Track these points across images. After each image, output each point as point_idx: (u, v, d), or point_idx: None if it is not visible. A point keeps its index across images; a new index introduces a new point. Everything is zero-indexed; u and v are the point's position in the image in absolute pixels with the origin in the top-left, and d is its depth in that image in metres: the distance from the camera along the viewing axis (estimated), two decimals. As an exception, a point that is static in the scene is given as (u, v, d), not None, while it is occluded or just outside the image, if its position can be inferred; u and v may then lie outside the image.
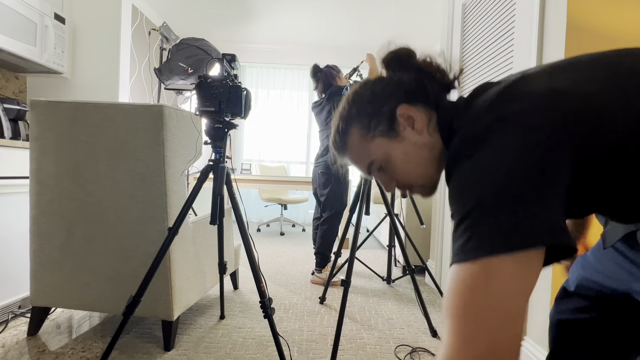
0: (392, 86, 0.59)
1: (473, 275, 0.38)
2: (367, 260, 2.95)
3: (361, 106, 0.60)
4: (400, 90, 0.58)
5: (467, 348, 0.37)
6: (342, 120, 0.62)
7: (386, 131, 0.57)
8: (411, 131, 0.56)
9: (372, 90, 0.60)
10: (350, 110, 0.61)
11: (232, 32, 4.10)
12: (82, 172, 1.36)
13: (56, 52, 2.25)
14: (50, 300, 1.45)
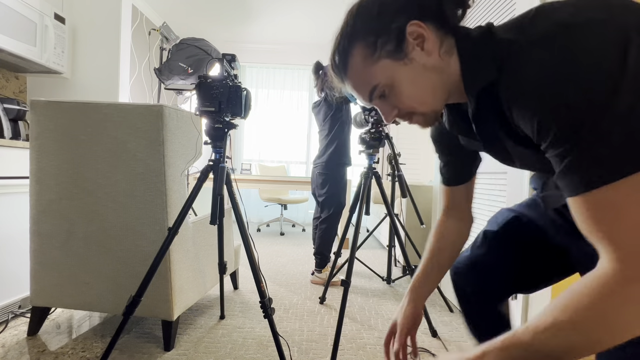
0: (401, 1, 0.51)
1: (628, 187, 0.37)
2: (367, 260, 2.95)
3: (367, 21, 0.52)
4: (414, 4, 0.51)
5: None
6: (344, 38, 0.54)
7: (393, 52, 0.51)
8: (420, 52, 0.51)
9: (380, 1, 0.52)
10: (354, 25, 0.53)
11: (232, 32, 4.11)
12: (82, 172, 1.36)
13: (56, 52, 2.25)
14: (50, 300, 1.45)
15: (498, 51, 0.46)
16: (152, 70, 2.93)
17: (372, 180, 1.81)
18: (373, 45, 0.52)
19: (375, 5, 0.52)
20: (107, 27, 2.55)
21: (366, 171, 1.79)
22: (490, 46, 0.47)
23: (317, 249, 2.36)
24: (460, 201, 0.78)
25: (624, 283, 0.38)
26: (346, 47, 0.54)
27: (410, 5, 0.51)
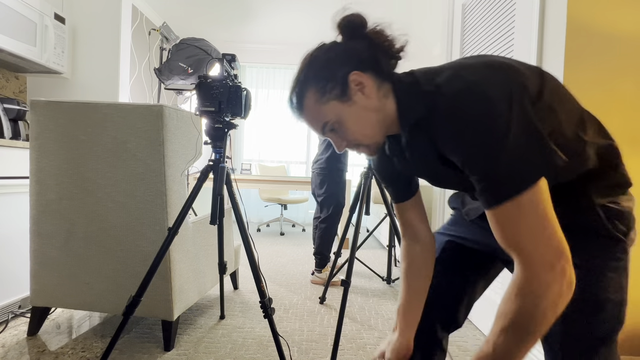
0: (346, 53, 0.63)
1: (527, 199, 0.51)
2: (367, 260, 2.95)
3: (317, 70, 0.63)
4: (354, 58, 0.62)
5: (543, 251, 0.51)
6: (299, 83, 0.65)
7: (339, 95, 0.62)
8: (362, 96, 0.62)
9: (327, 56, 0.64)
10: (307, 73, 0.64)
11: (232, 32, 4.10)
12: (82, 172, 1.36)
13: (56, 52, 2.25)
14: (50, 300, 1.45)
15: (425, 97, 0.59)
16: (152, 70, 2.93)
17: (372, 180, 1.81)
18: (323, 89, 0.62)
19: (324, 58, 0.64)
20: (107, 27, 2.55)
21: (366, 171, 1.79)
22: (418, 93, 0.60)
23: (316, 249, 2.36)
24: (412, 218, 0.82)
25: (530, 284, 0.51)
26: (301, 91, 0.64)
27: (352, 58, 0.62)
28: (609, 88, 1.20)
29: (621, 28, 1.19)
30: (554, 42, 1.24)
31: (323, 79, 0.63)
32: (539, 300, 0.50)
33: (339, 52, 0.64)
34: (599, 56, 1.19)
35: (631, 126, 1.21)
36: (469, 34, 1.93)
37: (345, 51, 0.63)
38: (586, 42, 1.18)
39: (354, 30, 0.64)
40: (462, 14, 2.01)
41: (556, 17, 1.22)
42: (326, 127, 0.65)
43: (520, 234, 0.52)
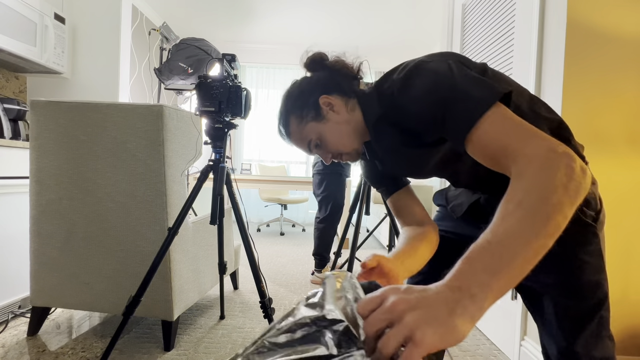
0: (314, 83, 0.77)
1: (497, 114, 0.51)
2: (367, 260, 2.95)
3: (294, 101, 0.77)
4: (319, 85, 0.76)
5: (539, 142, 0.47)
6: (282, 115, 0.79)
7: (314, 117, 0.74)
8: (333, 114, 0.74)
9: (299, 88, 0.78)
10: (286, 106, 0.78)
11: (232, 32, 4.10)
12: (82, 172, 1.36)
13: (56, 52, 2.25)
14: (50, 300, 1.45)
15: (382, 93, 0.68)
16: (152, 70, 2.93)
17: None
18: (301, 115, 0.75)
19: (298, 91, 0.78)
20: (107, 27, 2.55)
21: (366, 171, 1.79)
22: (375, 94, 0.71)
23: (315, 250, 2.36)
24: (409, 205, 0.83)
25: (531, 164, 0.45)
26: (285, 120, 0.78)
27: (319, 86, 0.75)
28: (609, 88, 1.20)
29: (621, 28, 1.19)
30: (554, 42, 1.24)
31: (299, 107, 0.76)
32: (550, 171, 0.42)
33: (308, 83, 0.77)
34: (599, 56, 1.19)
35: (631, 126, 1.21)
36: (469, 34, 1.93)
37: (313, 81, 0.77)
38: (586, 42, 1.18)
39: (316, 65, 0.78)
40: (462, 14, 2.01)
41: (556, 17, 1.22)
42: (311, 145, 0.77)
43: (505, 140, 0.49)
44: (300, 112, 0.75)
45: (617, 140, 1.21)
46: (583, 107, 1.20)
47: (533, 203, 0.41)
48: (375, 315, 0.36)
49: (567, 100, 1.19)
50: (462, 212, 0.82)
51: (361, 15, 3.46)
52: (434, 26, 3.64)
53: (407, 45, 4.15)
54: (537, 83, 1.31)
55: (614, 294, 0.70)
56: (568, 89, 1.19)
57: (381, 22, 3.62)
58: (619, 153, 1.21)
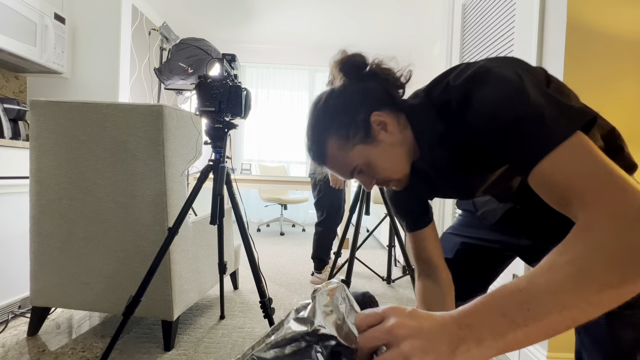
0: (360, 95, 0.62)
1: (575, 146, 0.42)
2: (367, 260, 2.95)
3: (335, 117, 0.62)
4: (369, 98, 0.62)
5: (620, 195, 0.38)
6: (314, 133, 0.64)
7: (363, 138, 0.61)
8: (385, 134, 0.61)
9: (341, 100, 0.63)
10: (322, 122, 0.63)
11: (232, 32, 4.10)
12: (82, 172, 1.36)
13: (56, 52, 2.25)
14: (50, 300, 1.45)
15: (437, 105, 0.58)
16: (152, 70, 2.93)
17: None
18: (345, 136, 0.61)
19: (339, 103, 0.62)
20: (107, 27, 2.55)
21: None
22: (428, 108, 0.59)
23: (313, 253, 2.35)
24: (430, 250, 0.78)
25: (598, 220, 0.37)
26: (321, 140, 0.63)
27: (368, 99, 0.62)
28: (609, 88, 1.20)
29: (621, 28, 1.19)
30: (554, 42, 1.24)
31: (343, 125, 0.61)
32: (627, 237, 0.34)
33: (352, 95, 0.62)
34: (599, 56, 1.19)
35: (631, 126, 1.21)
36: (469, 34, 1.93)
37: (359, 93, 0.62)
38: (586, 42, 1.18)
39: (359, 71, 0.64)
40: (462, 14, 2.01)
41: (556, 17, 1.22)
42: (355, 171, 0.64)
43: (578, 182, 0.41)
44: (345, 131, 0.61)
45: (617, 140, 1.21)
46: (583, 107, 1.20)
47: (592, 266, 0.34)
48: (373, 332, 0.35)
49: (567, 100, 1.19)
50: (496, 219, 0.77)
51: (361, 15, 3.46)
52: (434, 26, 3.64)
53: (407, 45, 4.15)
54: (537, 83, 1.31)
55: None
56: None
57: (381, 22, 3.62)
58: (619, 153, 1.21)
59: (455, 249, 0.85)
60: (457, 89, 0.53)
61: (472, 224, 0.87)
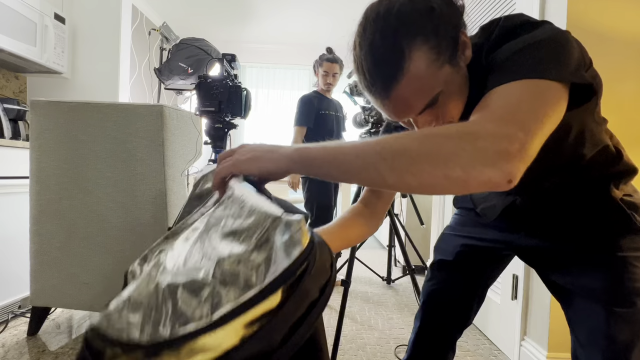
0: (448, 6, 0.50)
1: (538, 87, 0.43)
2: (367, 260, 2.95)
3: (426, 22, 0.48)
4: (458, 13, 0.52)
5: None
6: (397, 39, 0.47)
7: (450, 58, 0.49)
8: (464, 59, 0.52)
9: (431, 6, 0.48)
10: (408, 26, 0.47)
11: (232, 32, 4.10)
12: (82, 172, 1.36)
13: (56, 52, 2.25)
14: (50, 300, 1.44)
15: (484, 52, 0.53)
16: (152, 70, 2.93)
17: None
18: (437, 48, 0.48)
19: (426, 8, 0.48)
20: (107, 27, 2.55)
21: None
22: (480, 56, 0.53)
23: None
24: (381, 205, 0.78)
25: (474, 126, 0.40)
26: (403, 49, 0.46)
27: (456, 12, 0.52)
28: (609, 88, 1.19)
29: (621, 28, 1.19)
30: (554, 42, 1.23)
31: (435, 34, 0.47)
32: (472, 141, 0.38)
33: (440, 4, 0.49)
34: (599, 56, 1.18)
35: (631, 126, 1.21)
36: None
37: (445, 4, 0.50)
38: (586, 42, 1.18)
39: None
40: (462, 14, 2.01)
41: (556, 17, 1.22)
42: (433, 101, 0.50)
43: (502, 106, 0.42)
44: (437, 42, 0.47)
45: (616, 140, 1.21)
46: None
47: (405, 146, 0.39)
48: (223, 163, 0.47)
49: (567, 100, 1.19)
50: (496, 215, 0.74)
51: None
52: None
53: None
54: (537, 83, 1.31)
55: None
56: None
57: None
58: (619, 153, 1.21)
59: (455, 252, 0.84)
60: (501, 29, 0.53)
61: (470, 222, 0.85)
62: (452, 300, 0.82)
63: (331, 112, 2.30)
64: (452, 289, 0.82)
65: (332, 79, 2.29)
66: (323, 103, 2.29)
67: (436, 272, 0.86)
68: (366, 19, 0.51)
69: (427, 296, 0.85)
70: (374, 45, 0.49)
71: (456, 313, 0.82)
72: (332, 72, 2.27)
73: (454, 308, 0.82)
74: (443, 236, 0.90)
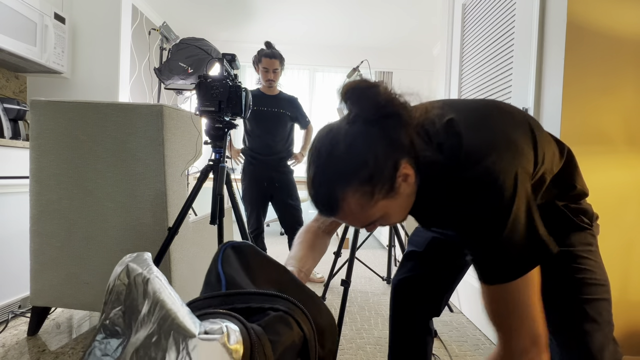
0: (385, 142, 0.53)
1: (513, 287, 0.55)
2: (367, 260, 2.95)
3: (358, 170, 0.52)
4: (393, 146, 0.54)
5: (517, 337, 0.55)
6: (331, 186, 0.54)
7: (387, 193, 0.54)
8: (405, 185, 0.56)
9: (367, 148, 0.52)
10: (341, 175, 0.53)
11: (232, 32, 4.10)
12: (82, 172, 1.36)
13: (56, 52, 2.25)
14: (50, 300, 1.45)
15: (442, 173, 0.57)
16: (152, 70, 2.93)
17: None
18: (370, 193, 0.53)
19: (361, 152, 0.52)
20: (107, 27, 2.55)
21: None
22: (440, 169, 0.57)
23: None
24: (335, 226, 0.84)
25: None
26: (336, 195, 0.54)
27: (392, 147, 0.54)
28: (609, 88, 1.20)
29: (621, 28, 1.19)
30: (554, 42, 1.24)
31: (368, 181, 0.52)
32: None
33: (376, 142, 0.52)
34: (599, 56, 1.19)
35: (631, 126, 1.21)
36: (469, 34, 1.93)
37: (382, 139, 0.53)
38: (586, 42, 1.18)
39: (373, 109, 0.53)
40: (462, 14, 2.01)
41: (556, 17, 1.22)
42: (370, 225, 0.60)
43: (503, 316, 0.56)
44: (370, 187, 0.52)
45: (617, 140, 1.21)
46: (583, 107, 1.20)
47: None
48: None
49: (567, 100, 1.19)
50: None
51: (360, 15, 3.46)
52: (434, 26, 3.64)
53: (407, 45, 4.14)
54: (537, 83, 1.31)
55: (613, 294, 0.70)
56: (568, 89, 1.19)
57: (380, 22, 3.62)
58: (619, 153, 1.21)
59: (425, 243, 0.89)
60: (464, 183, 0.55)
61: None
62: (420, 289, 0.87)
63: (271, 108, 2.23)
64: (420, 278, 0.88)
65: (273, 75, 2.20)
66: (261, 100, 2.23)
67: (405, 261, 0.92)
68: (315, 148, 0.57)
69: (397, 284, 0.91)
70: (315, 181, 0.56)
71: (425, 301, 0.88)
72: (272, 67, 2.19)
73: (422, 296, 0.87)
74: (416, 230, 0.96)
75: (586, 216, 0.72)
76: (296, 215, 2.33)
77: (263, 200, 2.33)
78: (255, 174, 2.28)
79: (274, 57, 2.17)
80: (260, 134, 2.25)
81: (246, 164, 2.30)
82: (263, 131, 2.25)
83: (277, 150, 2.28)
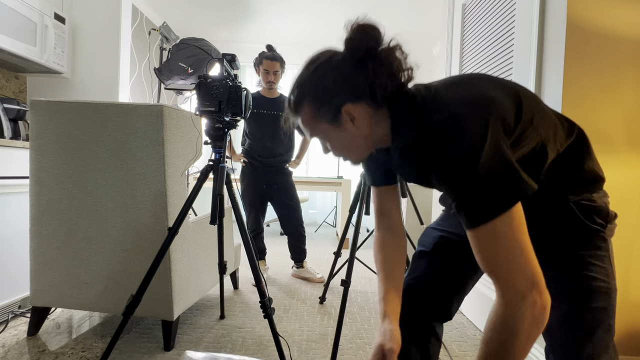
0: (346, 82, 0.63)
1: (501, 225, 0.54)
2: (367, 260, 2.95)
3: (316, 89, 0.65)
4: (352, 88, 0.63)
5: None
6: (298, 88, 0.67)
7: (331, 120, 0.65)
8: (351, 125, 0.65)
9: (332, 78, 0.63)
10: (304, 85, 0.66)
11: (232, 32, 4.10)
12: (82, 171, 1.36)
13: (56, 52, 2.25)
14: (50, 300, 1.45)
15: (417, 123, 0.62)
16: (152, 70, 2.93)
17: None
18: (317, 109, 0.66)
19: (325, 79, 0.64)
20: (107, 27, 2.55)
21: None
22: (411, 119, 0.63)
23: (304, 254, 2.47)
24: (390, 207, 0.85)
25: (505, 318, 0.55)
26: (298, 99, 0.67)
27: (351, 88, 0.63)
28: (609, 88, 1.20)
29: (621, 28, 1.19)
30: (554, 42, 1.24)
31: (319, 100, 0.65)
32: (514, 337, 0.55)
33: (340, 78, 0.63)
34: (599, 56, 1.19)
35: (631, 125, 1.21)
36: (469, 34, 1.93)
37: (347, 79, 0.63)
38: (586, 42, 1.18)
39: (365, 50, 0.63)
40: (462, 14, 2.01)
41: (556, 17, 1.22)
42: (315, 137, 0.71)
43: (495, 260, 0.56)
44: (317, 106, 0.65)
45: (617, 139, 1.21)
46: (583, 107, 1.20)
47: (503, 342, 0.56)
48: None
49: (567, 100, 1.19)
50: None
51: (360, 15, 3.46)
52: (433, 26, 3.64)
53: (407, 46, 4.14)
54: (537, 83, 1.31)
55: (613, 294, 0.70)
56: (568, 88, 1.19)
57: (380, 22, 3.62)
58: (619, 152, 1.21)
59: (433, 242, 0.88)
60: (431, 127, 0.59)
61: (448, 217, 0.90)
62: (429, 290, 0.85)
63: (270, 111, 2.26)
64: (430, 278, 0.85)
65: (274, 77, 2.23)
66: (261, 102, 2.25)
67: (416, 261, 0.91)
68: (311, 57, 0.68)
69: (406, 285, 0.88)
70: (295, 83, 0.68)
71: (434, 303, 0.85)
72: (272, 70, 2.21)
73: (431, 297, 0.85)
74: (426, 230, 0.95)
75: (600, 216, 0.68)
76: (296, 216, 2.35)
77: (262, 200, 2.35)
78: (254, 175, 2.29)
79: (275, 59, 2.20)
80: (261, 136, 2.27)
81: (245, 164, 2.32)
82: (263, 133, 2.27)
83: (277, 152, 2.30)
